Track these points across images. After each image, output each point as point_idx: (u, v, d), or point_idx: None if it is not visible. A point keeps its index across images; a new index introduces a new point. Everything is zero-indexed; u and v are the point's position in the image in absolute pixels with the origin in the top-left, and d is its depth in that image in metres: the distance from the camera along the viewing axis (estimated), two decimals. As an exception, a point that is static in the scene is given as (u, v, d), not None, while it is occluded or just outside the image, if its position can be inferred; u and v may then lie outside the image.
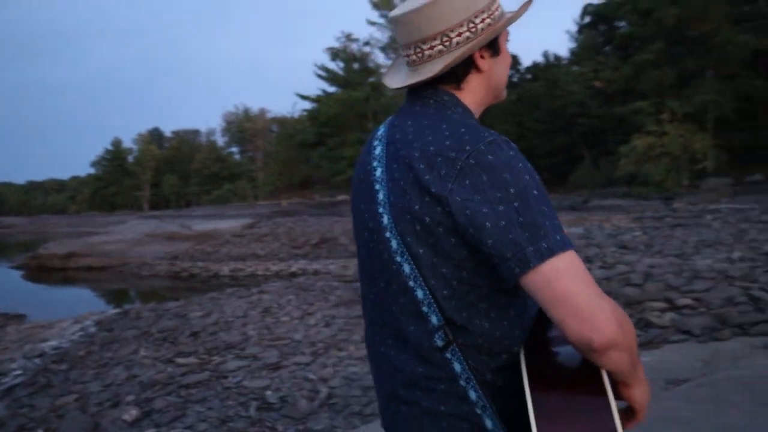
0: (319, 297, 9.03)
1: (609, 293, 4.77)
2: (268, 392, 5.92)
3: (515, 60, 48.72)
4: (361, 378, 6.19)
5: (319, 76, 45.62)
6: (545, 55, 48.65)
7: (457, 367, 1.11)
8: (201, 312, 10.67)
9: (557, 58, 48.41)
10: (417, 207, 1.08)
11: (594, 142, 36.30)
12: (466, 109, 1.21)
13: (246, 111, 66.88)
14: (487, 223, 1.01)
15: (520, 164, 1.06)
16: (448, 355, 1.11)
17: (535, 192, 1.03)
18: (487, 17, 1.18)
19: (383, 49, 41.95)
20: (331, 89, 45.19)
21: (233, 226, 29.50)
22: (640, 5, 29.43)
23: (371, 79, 42.75)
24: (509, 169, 1.04)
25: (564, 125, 38.16)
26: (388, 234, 1.14)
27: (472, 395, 1.11)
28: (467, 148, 1.06)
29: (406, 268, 1.12)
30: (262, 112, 64.43)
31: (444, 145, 1.08)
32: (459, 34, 1.17)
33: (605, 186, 28.66)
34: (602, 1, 37.56)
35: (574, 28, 47.85)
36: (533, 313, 1.18)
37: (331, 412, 5.53)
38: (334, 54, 43.98)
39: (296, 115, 52.10)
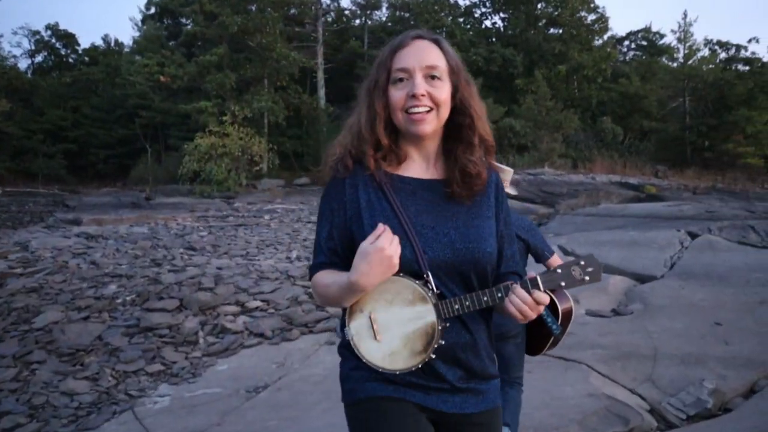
0: None
1: (182, 299, 4.55)
2: None
3: (73, 39, 44.66)
4: None
5: None
6: (106, 39, 45.94)
7: None
8: None
9: (119, 44, 46.21)
10: None
11: (157, 137, 35.69)
12: None
13: None
14: None
15: None
16: None
17: None
18: None
19: None
20: None
21: None
22: (207, 7, 30.12)
23: None
24: None
25: (125, 116, 36.51)
26: None
27: None
28: None
29: None
30: None
31: None
32: None
33: (169, 182, 28.41)
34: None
35: (139, 16, 46.45)
36: None
37: None
38: None
39: None
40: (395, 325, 1.53)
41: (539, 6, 35.52)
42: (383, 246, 1.44)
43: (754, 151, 29.70)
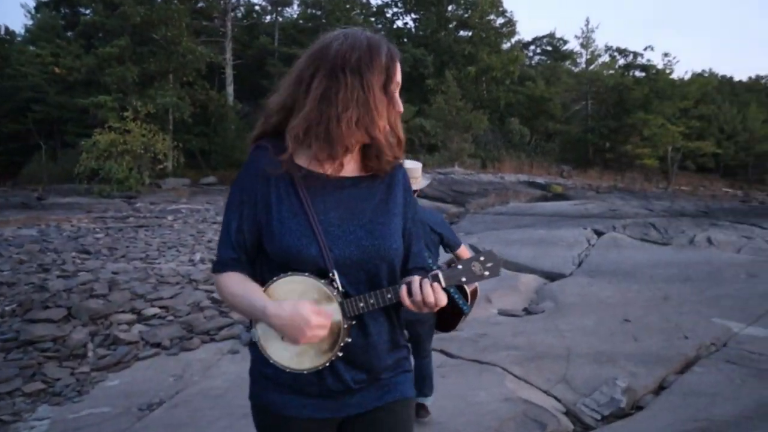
0: None
1: (70, 308, 4.04)
2: None
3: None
4: None
5: None
6: (-5, 27, 42.85)
7: None
8: None
9: (10, 32, 43.23)
10: None
11: (52, 133, 33.53)
12: None
13: None
14: None
15: None
16: None
17: None
18: None
19: None
20: None
21: None
22: (107, -4, 28.53)
23: None
24: None
25: (16, 110, 34.06)
26: None
27: None
28: None
29: None
30: None
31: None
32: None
33: (64, 181, 26.67)
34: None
35: (32, 3, 43.64)
36: None
37: None
38: None
39: None
40: None
41: (450, 8, 36.03)
42: (315, 327, 1.44)
43: (650, 152, 31.35)
